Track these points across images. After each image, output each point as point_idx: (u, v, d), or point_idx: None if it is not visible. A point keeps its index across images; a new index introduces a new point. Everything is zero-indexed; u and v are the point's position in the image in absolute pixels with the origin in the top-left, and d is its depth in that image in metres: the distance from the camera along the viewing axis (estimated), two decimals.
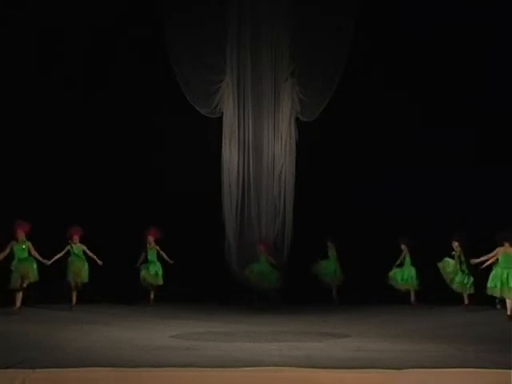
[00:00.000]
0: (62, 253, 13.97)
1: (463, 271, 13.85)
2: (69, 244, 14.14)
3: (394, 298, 15.40)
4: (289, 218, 17.22)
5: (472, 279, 13.75)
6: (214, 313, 13.74)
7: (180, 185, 16.34)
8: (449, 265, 14.03)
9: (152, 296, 15.13)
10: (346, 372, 7.08)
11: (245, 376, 6.95)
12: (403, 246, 15.47)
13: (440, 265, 14.10)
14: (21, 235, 12.96)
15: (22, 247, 12.95)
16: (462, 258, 13.85)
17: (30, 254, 13.03)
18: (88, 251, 14.21)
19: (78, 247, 14.18)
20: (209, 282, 15.64)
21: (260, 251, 16.48)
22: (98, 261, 14.16)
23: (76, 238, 14.18)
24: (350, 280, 16.13)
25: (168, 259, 15.10)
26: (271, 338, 10.17)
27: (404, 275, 15.34)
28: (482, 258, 12.70)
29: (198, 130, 16.78)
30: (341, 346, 9.26)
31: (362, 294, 15.86)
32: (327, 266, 16.36)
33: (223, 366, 7.27)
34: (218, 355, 8.25)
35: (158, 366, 7.25)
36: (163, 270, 15.15)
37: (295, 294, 15.76)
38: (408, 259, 15.44)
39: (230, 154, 17.26)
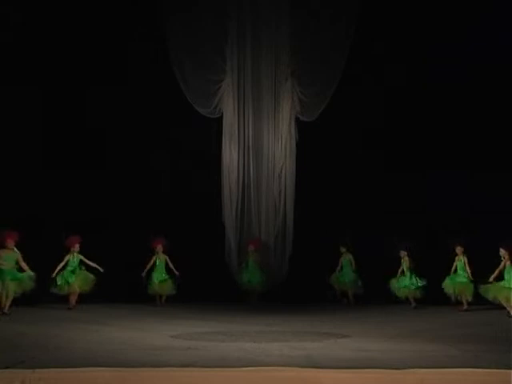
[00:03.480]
0: (63, 263, 13.87)
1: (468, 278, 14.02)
2: (70, 253, 14.00)
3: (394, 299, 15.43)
4: (289, 218, 17.21)
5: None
6: (214, 313, 13.73)
7: (180, 185, 16.36)
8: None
9: (163, 298, 15.23)
10: (346, 372, 7.07)
11: (245, 376, 6.95)
12: (402, 253, 15.11)
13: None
14: (10, 244, 12.81)
15: (10, 257, 12.72)
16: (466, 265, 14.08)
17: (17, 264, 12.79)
18: (86, 260, 14.02)
19: (77, 257, 14.01)
20: (209, 282, 15.64)
21: (250, 252, 16.43)
22: (100, 268, 13.94)
23: (77, 246, 14.01)
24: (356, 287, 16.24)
25: (175, 270, 15.17)
26: (271, 337, 10.17)
27: (404, 282, 15.04)
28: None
29: (198, 130, 16.79)
30: (341, 346, 9.25)
31: (363, 293, 15.91)
32: (340, 275, 16.21)
33: (223, 366, 7.27)
34: (218, 355, 8.24)
35: (157, 365, 7.25)
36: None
37: (296, 293, 15.76)
38: (406, 265, 15.18)
39: (230, 154, 17.25)
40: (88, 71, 16.29)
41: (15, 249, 12.80)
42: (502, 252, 13.02)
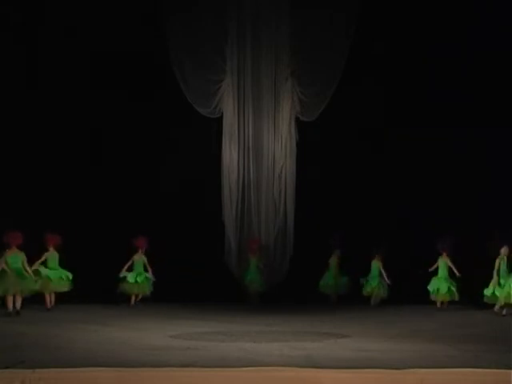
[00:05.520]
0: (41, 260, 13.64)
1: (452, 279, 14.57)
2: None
3: (394, 298, 15.46)
4: (290, 218, 17.21)
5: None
6: (214, 313, 13.74)
7: (180, 185, 16.35)
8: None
9: (133, 300, 15.07)
10: (346, 372, 7.07)
11: (245, 376, 6.94)
12: (377, 257, 15.72)
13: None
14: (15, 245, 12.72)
15: (16, 258, 12.65)
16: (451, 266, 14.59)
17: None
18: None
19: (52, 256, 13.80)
20: (209, 282, 15.64)
21: (251, 253, 16.45)
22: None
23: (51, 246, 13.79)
24: (351, 280, 16.22)
25: (152, 275, 15.09)
26: (271, 337, 10.17)
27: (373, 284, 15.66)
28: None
29: (198, 130, 16.79)
30: (341, 346, 9.25)
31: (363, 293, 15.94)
32: (326, 278, 16.39)
33: (223, 366, 7.27)
34: (218, 355, 8.24)
35: (157, 365, 7.24)
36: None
37: (296, 293, 15.77)
38: (377, 268, 15.71)
39: (230, 154, 17.25)
40: (88, 71, 16.31)
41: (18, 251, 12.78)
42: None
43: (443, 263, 14.71)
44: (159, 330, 10.97)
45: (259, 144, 17.32)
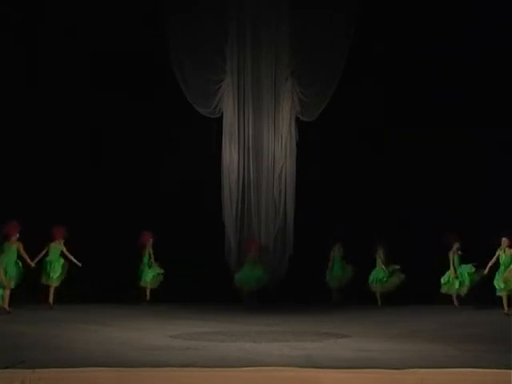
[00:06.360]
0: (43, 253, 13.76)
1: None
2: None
3: (394, 298, 15.46)
4: (290, 218, 17.21)
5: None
6: (214, 313, 13.74)
7: (180, 185, 16.35)
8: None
9: (148, 294, 15.27)
10: (346, 372, 7.07)
11: (245, 376, 6.94)
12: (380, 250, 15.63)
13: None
14: (14, 236, 12.81)
15: (13, 249, 12.78)
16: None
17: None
18: (67, 253, 13.92)
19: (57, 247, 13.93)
20: (209, 282, 15.64)
21: (249, 251, 16.46)
22: (78, 263, 13.89)
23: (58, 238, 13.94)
24: (351, 280, 16.23)
25: (156, 266, 15.26)
26: (271, 337, 10.16)
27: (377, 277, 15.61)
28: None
29: (198, 130, 16.79)
30: (341, 346, 9.25)
31: (363, 293, 15.93)
32: (332, 271, 16.35)
33: (223, 366, 7.27)
34: (218, 355, 8.24)
35: (157, 365, 7.24)
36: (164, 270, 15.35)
37: (296, 293, 15.76)
38: (380, 261, 15.63)
39: (230, 154, 17.26)
40: (88, 71, 16.31)
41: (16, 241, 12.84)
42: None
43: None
44: (159, 329, 10.97)
45: (259, 144, 17.32)
